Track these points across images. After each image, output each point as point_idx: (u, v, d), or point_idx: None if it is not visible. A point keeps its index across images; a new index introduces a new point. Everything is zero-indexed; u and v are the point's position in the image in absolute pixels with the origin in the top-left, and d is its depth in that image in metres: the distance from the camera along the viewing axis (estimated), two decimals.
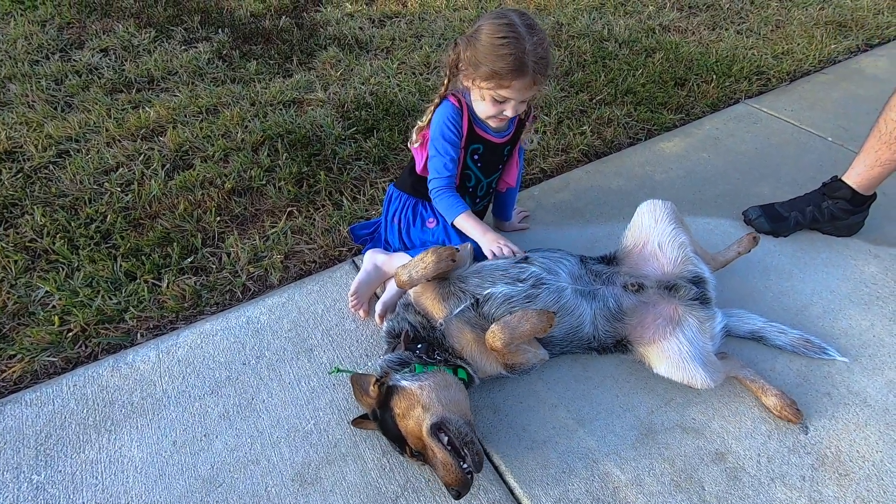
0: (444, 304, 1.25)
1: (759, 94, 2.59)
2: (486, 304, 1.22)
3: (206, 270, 1.61)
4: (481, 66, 1.23)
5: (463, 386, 1.17)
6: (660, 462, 1.18)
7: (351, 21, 3.25)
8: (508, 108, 1.28)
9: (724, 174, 1.99)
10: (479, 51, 1.23)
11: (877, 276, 1.62)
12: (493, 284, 1.25)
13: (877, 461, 1.18)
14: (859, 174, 1.64)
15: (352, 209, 1.83)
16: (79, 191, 1.89)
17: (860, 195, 1.65)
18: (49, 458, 1.17)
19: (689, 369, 1.21)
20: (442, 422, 1.05)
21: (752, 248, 1.54)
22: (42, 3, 3.51)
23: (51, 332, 1.41)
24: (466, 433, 1.04)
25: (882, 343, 1.43)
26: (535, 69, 1.22)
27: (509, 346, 1.15)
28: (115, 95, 2.50)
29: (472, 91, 1.31)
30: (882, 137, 1.56)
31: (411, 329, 1.24)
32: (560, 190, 1.95)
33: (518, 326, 1.14)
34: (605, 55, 2.82)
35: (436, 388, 1.10)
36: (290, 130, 2.20)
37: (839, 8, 3.54)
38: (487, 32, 1.22)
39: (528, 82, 1.23)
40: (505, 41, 1.20)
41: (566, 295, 1.26)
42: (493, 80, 1.23)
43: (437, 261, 1.21)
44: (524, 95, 1.27)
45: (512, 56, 1.20)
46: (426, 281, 1.26)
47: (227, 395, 1.29)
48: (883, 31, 3.24)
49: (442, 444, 1.03)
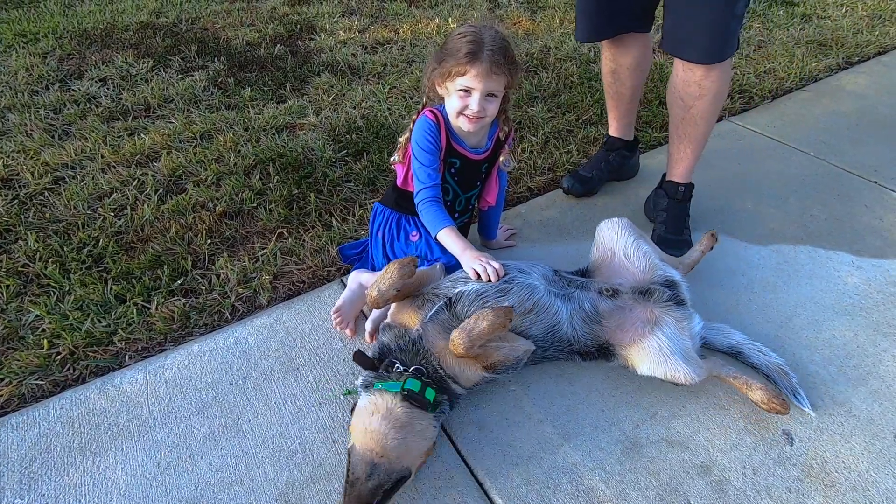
0: (420, 312, 1.26)
1: (742, 112, 2.65)
2: (458, 304, 1.23)
3: (196, 292, 1.63)
4: (444, 62, 1.32)
5: (410, 410, 1.10)
6: (645, 476, 1.18)
7: (344, 48, 3.34)
8: (473, 100, 1.32)
9: (707, 189, 2.02)
10: (445, 50, 1.34)
11: (860, 286, 1.64)
12: (465, 283, 1.27)
13: (862, 472, 1.18)
14: (616, 129, 2.01)
15: (341, 230, 1.85)
16: (72, 216, 1.92)
17: (628, 141, 2.02)
18: (32, 481, 1.17)
19: (671, 364, 1.22)
20: (349, 451, 1.07)
21: (713, 245, 1.58)
22: (44, 35, 3.62)
23: (39, 356, 1.42)
24: (356, 475, 1.02)
25: (865, 353, 1.43)
26: (491, 58, 1.29)
27: (471, 349, 1.14)
28: (112, 123, 2.56)
29: (443, 92, 1.36)
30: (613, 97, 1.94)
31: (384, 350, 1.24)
32: (546, 208, 1.98)
33: (475, 328, 1.13)
34: (592, 77, 2.89)
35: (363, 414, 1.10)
36: (282, 154, 2.24)
37: (820, 28, 3.64)
38: (452, 35, 1.35)
39: (486, 69, 1.29)
40: (463, 33, 1.32)
41: (539, 292, 1.28)
42: (453, 67, 1.30)
43: (400, 268, 1.22)
44: (485, 85, 1.31)
45: (468, 42, 1.29)
46: (395, 292, 1.24)
47: (213, 416, 1.29)
48: (863, 49, 3.32)
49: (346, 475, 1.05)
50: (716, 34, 1.45)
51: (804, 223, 1.91)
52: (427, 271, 1.38)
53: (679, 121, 1.67)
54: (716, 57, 1.49)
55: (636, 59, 1.82)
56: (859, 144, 2.36)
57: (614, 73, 1.86)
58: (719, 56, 1.50)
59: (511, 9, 4.05)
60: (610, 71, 1.86)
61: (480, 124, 1.37)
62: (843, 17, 3.82)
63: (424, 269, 1.39)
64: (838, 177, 2.16)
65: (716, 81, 1.55)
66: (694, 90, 1.57)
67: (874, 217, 1.93)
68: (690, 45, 1.50)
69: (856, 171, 2.18)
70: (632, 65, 1.82)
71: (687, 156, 1.73)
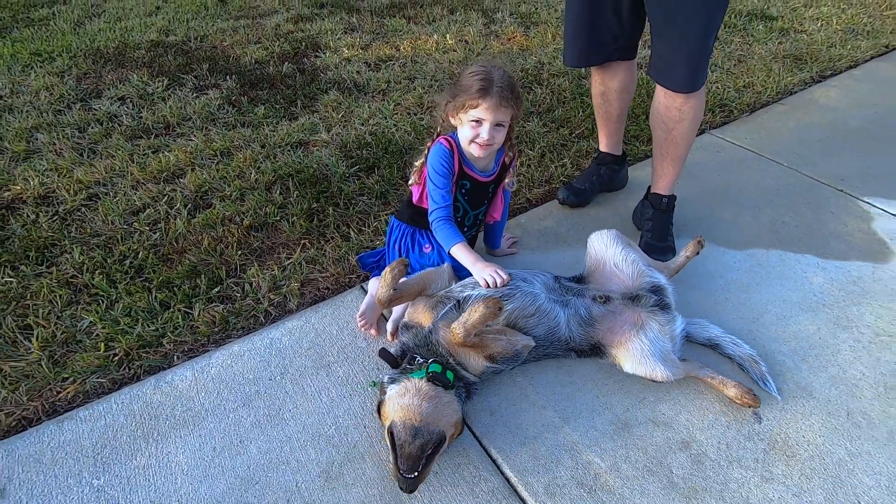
0: (433, 312, 1.45)
1: (722, 125, 2.86)
2: (465, 305, 1.43)
3: (232, 298, 1.81)
4: (458, 97, 1.50)
5: (435, 388, 1.29)
6: (634, 451, 1.37)
7: (348, 65, 3.53)
8: (484, 129, 1.50)
9: (690, 200, 2.22)
10: (459, 85, 1.52)
11: (823, 285, 1.85)
12: (473, 289, 1.46)
13: (819, 444, 1.38)
14: (606, 145, 2.20)
15: (358, 240, 2.04)
16: (111, 230, 2.10)
17: (617, 155, 2.22)
18: (106, 465, 1.34)
19: (650, 364, 1.42)
20: (391, 426, 1.24)
21: (699, 251, 1.76)
22: (59, 54, 3.78)
23: (98, 357, 1.60)
24: (403, 439, 1.19)
25: (826, 344, 1.64)
26: (500, 93, 1.47)
27: (468, 336, 1.32)
28: (136, 141, 2.73)
29: (456, 123, 1.55)
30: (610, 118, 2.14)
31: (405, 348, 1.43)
32: (544, 218, 2.17)
33: (468, 319, 1.31)
34: (583, 92, 3.09)
35: (396, 397, 1.28)
36: (299, 170, 2.42)
37: (796, 42, 3.87)
38: (465, 73, 1.53)
39: (495, 103, 1.47)
40: (475, 71, 1.50)
41: (540, 298, 1.47)
42: (467, 101, 1.48)
43: (391, 271, 1.41)
44: (494, 116, 1.49)
45: (479, 80, 1.47)
46: (393, 292, 1.42)
47: (258, 407, 1.48)
48: (835, 62, 3.55)
49: (392, 447, 1.22)
50: (691, 67, 1.66)
51: (776, 229, 2.11)
52: (433, 271, 1.58)
53: (662, 141, 1.87)
54: (693, 87, 1.70)
55: (623, 83, 2.02)
56: (829, 155, 2.58)
57: (603, 94, 2.06)
58: (695, 86, 1.70)
59: (505, 24, 4.25)
60: (599, 93, 2.07)
61: (489, 151, 1.56)
62: (819, 31, 4.06)
63: (430, 270, 1.59)
64: (809, 186, 2.37)
65: (693, 107, 1.76)
66: (675, 115, 1.78)
67: (839, 223, 2.14)
68: (671, 76, 1.70)
69: (824, 180, 2.40)
70: (619, 88, 2.02)
71: (669, 171, 1.94)
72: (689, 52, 1.64)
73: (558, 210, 2.21)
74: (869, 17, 4.30)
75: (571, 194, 2.17)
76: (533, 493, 1.28)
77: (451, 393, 1.33)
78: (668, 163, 1.91)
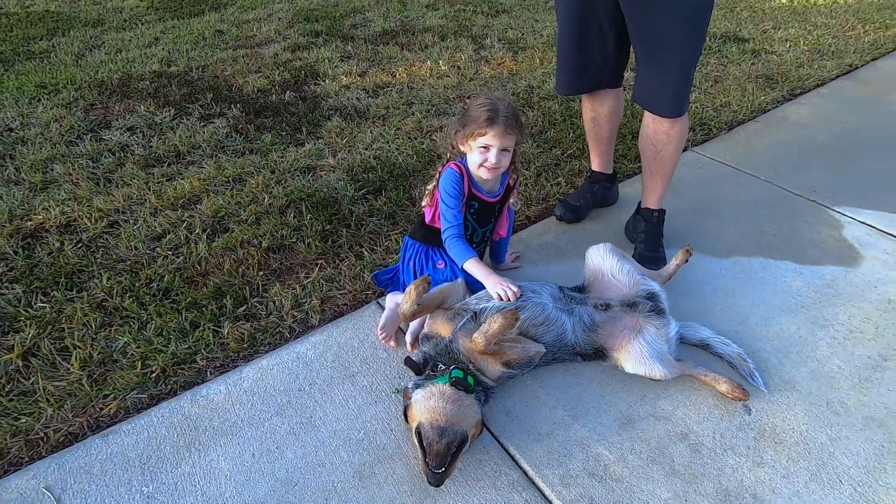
0: (452, 323, 1.59)
1: (702, 143, 3.07)
2: (481, 316, 1.57)
3: (257, 317, 1.93)
4: (468, 125, 1.67)
5: (457, 392, 1.41)
6: (639, 443, 1.51)
7: (348, 92, 3.70)
8: (491, 154, 1.66)
9: (677, 213, 2.40)
10: (468, 116, 1.69)
11: (801, 289, 2.02)
12: (488, 301, 1.60)
13: (803, 431, 1.53)
14: (598, 164, 2.39)
15: (371, 259, 2.18)
16: (135, 256, 2.21)
17: (608, 174, 2.41)
18: (153, 473, 1.45)
19: (649, 364, 1.56)
20: (418, 427, 1.37)
21: (688, 259, 1.92)
22: (63, 87, 3.89)
23: (136, 375, 1.70)
24: (431, 439, 1.32)
25: (805, 342, 1.80)
26: (506, 121, 1.64)
27: (489, 345, 1.46)
28: (149, 170, 2.84)
29: (466, 149, 1.71)
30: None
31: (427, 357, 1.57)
32: (543, 233, 2.33)
33: (489, 329, 1.46)
34: (572, 114, 3.29)
35: (423, 401, 1.40)
36: (310, 194, 2.56)
37: (767, 62, 4.14)
38: (473, 104, 1.70)
39: (501, 130, 1.64)
40: (482, 103, 1.67)
41: (549, 308, 1.62)
42: (476, 130, 1.65)
43: (415, 287, 1.55)
44: (501, 142, 1.65)
45: (487, 111, 1.64)
46: (417, 307, 1.57)
47: (290, 416, 1.59)
48: (804, 81, 3.81)
49: (420, 446, 1.35)
50: (675, 96, 1.84)
51: (757, 238, 2.30)
52: (449, 286, 1.72)
53: (651, 161, 2.05)
54: (678, 113, 1.88)
55: (612, 108, 2.20)
56: (801, 169, 2.79)
57: (594, 119, 2.24)
58: (680, 112, 1.88)
59: (494, 50, 4.47)
60: (590, 118, 2.25)
61: (496, 173, 1.72)
62: (788, 52, 4.33)
63: (447, 284, 1.73)
64: (785, 198, 2.57)
65: (679, 130, 1.94)
66: (662, 138, 1.96)
67: (813, 231, 2.33)
68: (658, 104, 1.88)
69: (798, 192, 2.60)
70: (608, 113, 2.21)
71: (658, 187, 2.11)
72: (673, 82, 1.82)
73: (556, 226, 2.37)
74: (833, 39, 4.60)
75: (568, 211, 2.33)
76: (549, 483, 1.41)
77: (472, 396, 1.46)
78: (657, 180, 2.09)
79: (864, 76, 3.95)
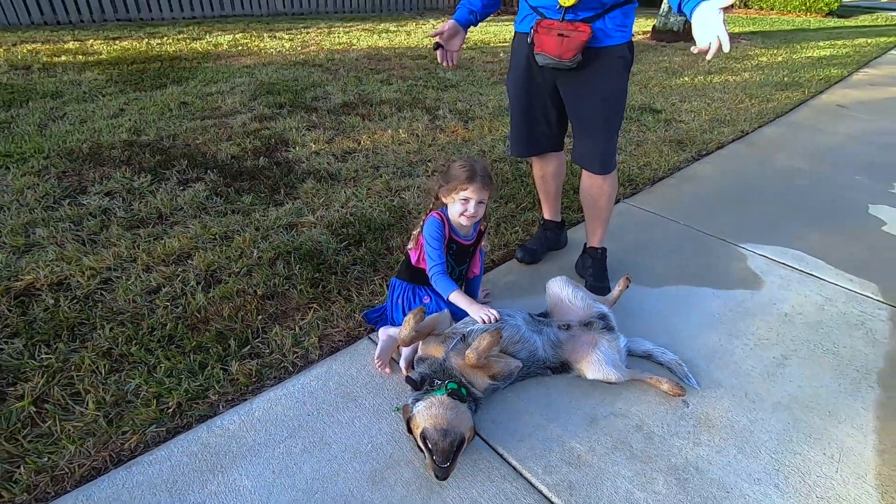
0: (444, 346, 1.87)
1: (632, 195, 3.61)
2: (469, 337, 1.86)
3: (261, 355, 2.12)
4: (451, 181, 2.02)
5: (454, 401, 1.67)
6: (603, 436, 1.82)
7: (318, 157, 4.04)
8: (470, 205, 2.02)
9: (616, 252, 2.84)
10: (450, 174, 2.04)
11: (719, 308, 2.47)
12: (473, 324, 1.91)
13: (729, 416, 1.90)
14: (548, 214, 2.81)
15: (359, 300, 2.44)
16: (135, 308, 2.35)
17: (557, 222, 2.81)
18: (181, 495, 1.58)
19: (605, 371, 1.90)
20: (423, 432, 1.62)
21: (628, 285, 2.33)
22: (31, 155, 3.97)
23: (153, 412, 1.84)
24: (435, 439, 1.58)
25: (725, 349, 2.22)
26: (482, 179, 2.01)
27: (480, 359, 1.75)
28: (134, 231, 3.00)
29: (449, 201, 2.06)
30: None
31: (424, 375, 1.83)
32: (507, 273, 2.69)
33: (479, 346, 1.76)
34: (521, 174, 3.78)
35: (425, 410, 1.66)
36: (296, 247, 2.82)
37: (677, 129, 4.90)
38: (454, 164, 2.06)
39: (479, 186, 2.00)
40: (462, 164, 2.02)
41: (522, 329, 1.94)
42: (458, 186, 2.00)
43: (413, 316, 1.84)
44: (479, 195, 2.01)
45: (466, 170, 2.00)
46: (415, 333, 1.86)
47: (303, 437, 1.78)
48: (707, 145, 4.55)
49: (426, 448, 1.60)
50: (604, 158, 2.31)
51: (681, 270, 2.76)
52: (438, 315, 2.01)
53: (591, 209, 2.50)
54: (607, 171, 2.35)
55: (556, 168, 2.67)
56: (711, 215, 3.36)
57: (543, 177, 2.69)
58: (609, 170, 2.36)
59: (447, 120, 5.01)
60: (540, 176, 2.70)
61: (473, 221, 2.08)
62: (693, 121, 5.15)
63: (436, 314, 2.02)
64: (701, 238, 3.09)
65: (610, 184, 2.41)
66: (597, 190, 2.42)
67: (725, 263, 2.84)
68: (591, 164, 2.35)
69: (710, 232, 3.14)
70: (554, 172, 2.67)
71: (599, 230, 2.55)
72: (601, 148, 2.30)
73: (518, 267, 2.74)
74: (728, 110, 5.51)
75: (527, 254, 2.72)
76: (534, 473, 1.68)
77: (465, 405, 1.73)
78: (597, 224, 2.53)
79: (753, 140, 4.77)
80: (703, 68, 7.86)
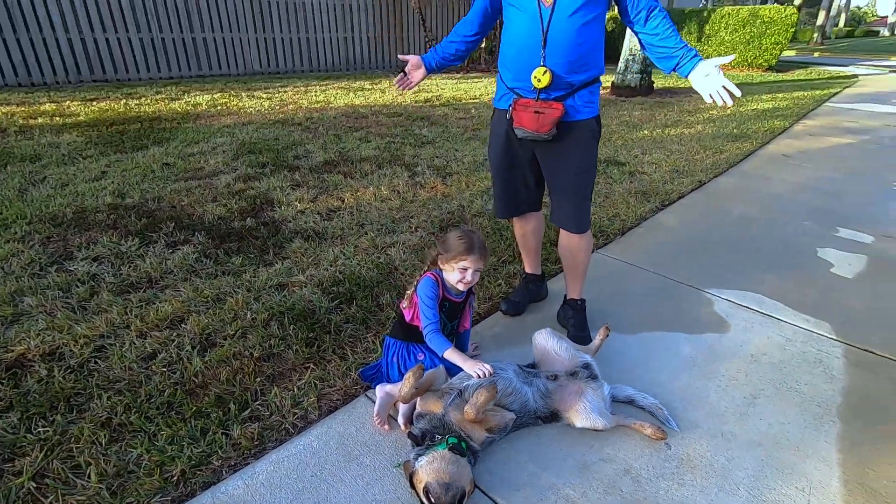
0: (441, 401, 1.98)
1: (604, 246, 3.85)
2: (466, 392, 1.98)
3: (261, 417, 2.17)
4: (450, 251, 2.17)
5: (455, 455, 1.76)
6: (595, 482, 1.92)
7: (304, 216, 4.18)
8: (468, 274, 2.18)
9: (594, 301, 3.02)
10: (449, 245, 2.19)
11: (691, 353, 2.65)
12: (468, 379, 2.03)
13: (709, 456, 2.04)
14: (530, 268, 2.96)
15: (354, 358, 2.53)
16: (131, 376, 2.38)
17: (538, 275, 2.97)
18: None
19: (592, 419, 2.04)
20: (426, 487, 1.71)
21: (608, 334, 2.49)
22: (13, 221, 3.99)
23: (157, 480, 1.86)
24: (438, 493, 1.67)
25: (698, 391, 2.38)
26: (479, 250, 2.18)
27: (477, 414, 1.86)
28: (125, 296, 3.04)
29: (446, 269, 2.21)
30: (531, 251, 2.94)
31: (424, 430, 1.93)
32: (493, 325, 2.84)
33: (476, 401, 1.87)
34: (500, 228, 3.99)
35: (427, 464, 1.75)
36: (289, 307, 2.91)
37: (641, 181, 5.24)
38: (452, 235, 2.21)
39: (477, 257, 2.17)
40: (460, 236, 2.19)
41: (514, 382, 2.07)
42: (458, 256, 2.16)
43: (412, 374, 1.95)
44: (476, 265, 2.18)
45: (465, 242, 2.17)
46: (415, 390, 1.97)
47: (307, 499, 1.83)
48: (669, 195, 4.89)
49: (429, 502, 1.67)
50: (580, 218, 2.54)
51: (655, 317, 2.96)
52: (434, 372, 2.12)
53: (569, 263, 2.70)
54: (583, 229, 2.57)
55: (536, 226, 2.88)
56: (677, 262, 3.61)
57: (523, 235, 2.90)
58: (584, 228, 2.58)
59: (426, 176, 5.25)
60: (521, 234, 2.90)
61: (469, 286, 2.24)
62: (654, 172, 5.52)
63: (431, 371, 2.13)
64: (670, 285, 3.32)
65: (586, 241, 2.62)
66: (574, 247, 2.62)
67: (694, 308, 3.05)
68: (568, 224, 2.57)
69: (678, 279, 3.37)
70: (533, 230, 2.88)
71: (578, 283, 2.74)
72: (575, 210, 2.53)
73: (502, 319, 2.89)
74: (685, 161, 5.94)
75: (511, 306, 2.88)
76: None
77: (465, 459, 1.82)
78: (576, 277, 2.73)
79: (709, 189, 5.14)
80: (661, 121, 8.46)
